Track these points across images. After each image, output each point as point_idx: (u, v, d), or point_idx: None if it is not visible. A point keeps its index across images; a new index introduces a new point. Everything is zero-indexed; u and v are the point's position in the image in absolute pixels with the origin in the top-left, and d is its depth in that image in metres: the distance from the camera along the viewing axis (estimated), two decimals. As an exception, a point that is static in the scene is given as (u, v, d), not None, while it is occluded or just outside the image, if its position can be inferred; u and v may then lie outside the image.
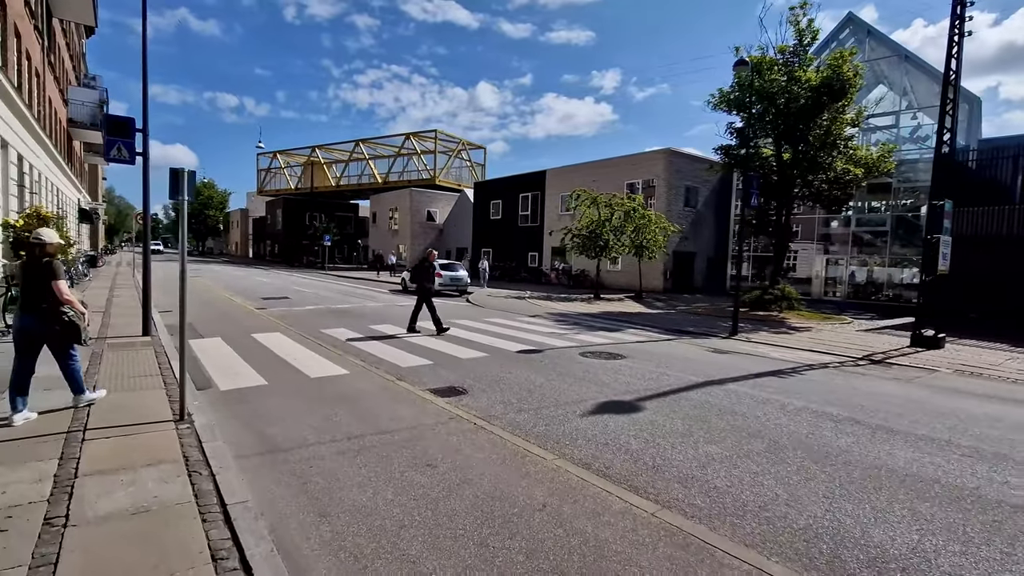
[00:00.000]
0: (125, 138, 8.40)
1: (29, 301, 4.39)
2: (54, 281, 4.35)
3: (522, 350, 8.59)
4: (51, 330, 4.47)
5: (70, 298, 4.51)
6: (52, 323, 4.43)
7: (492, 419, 5.00)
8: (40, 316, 4.40)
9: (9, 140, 10.22)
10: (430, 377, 6.64)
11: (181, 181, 4.56)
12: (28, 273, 4.37)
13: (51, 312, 4.39)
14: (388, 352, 8.14)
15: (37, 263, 4.37)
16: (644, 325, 12.95)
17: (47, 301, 4.36)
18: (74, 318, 4.55)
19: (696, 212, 27.13)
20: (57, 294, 4.37)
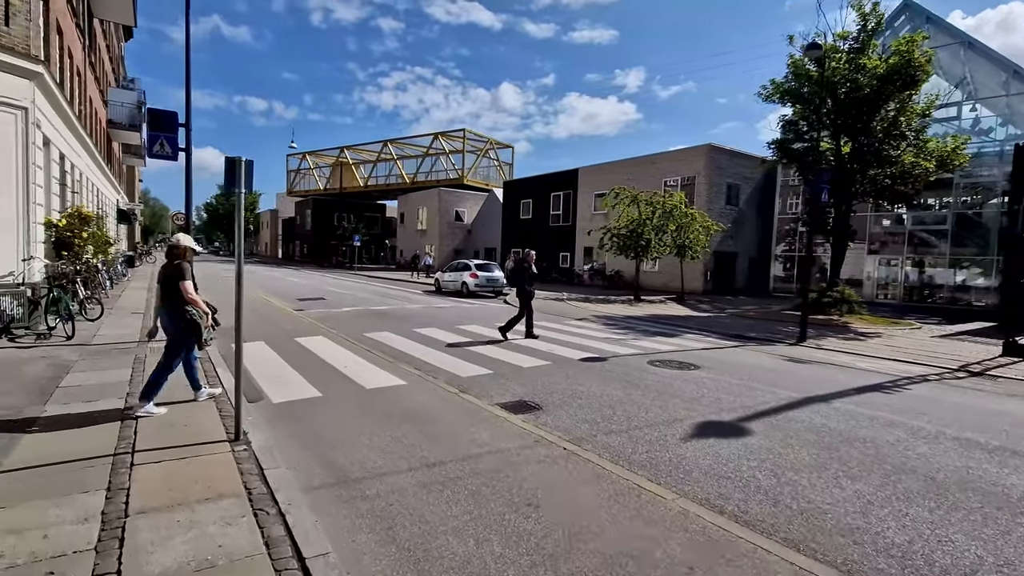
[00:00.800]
0: (168, 133, 8.06)
1: (162, 299, 4.84)
2: (181, 282, 4.66)
3: (585, 358, 7.93)
4: (177, 327, 4.74)
5: (194, 298, 4.74)
6: (178, 321, 4.72)
7: (582, 442, 4.36)
8: (169, 313, 4.76)
9: (51, 138, 10.03)
10: (495, 389, 6.04)
11: (238, 171, 4.04)
12: (163, 273, 4.78)
13: (177, 310, 4.70)
14: (442, 359, 7.57)
15: (170, 264, 4.77)
16: (699, 330, 12.14)
17: (175, 300, 4.70)
18: (196, 317, 4.74)
19: (738, 210, 26.01)
20: (183, 294, 4.66)
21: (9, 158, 7.94)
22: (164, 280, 4.78)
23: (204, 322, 4.80)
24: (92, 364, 6.48)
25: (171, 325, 4.78)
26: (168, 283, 4.74)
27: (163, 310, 4.82)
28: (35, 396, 5.07)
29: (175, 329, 4.77)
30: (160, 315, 4.90)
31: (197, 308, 4.74)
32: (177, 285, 4.66)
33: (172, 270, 4.73)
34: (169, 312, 4.76)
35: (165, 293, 4.79)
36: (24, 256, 8.20)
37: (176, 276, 4.69)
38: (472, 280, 19.33)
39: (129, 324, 9.60)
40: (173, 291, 4.70)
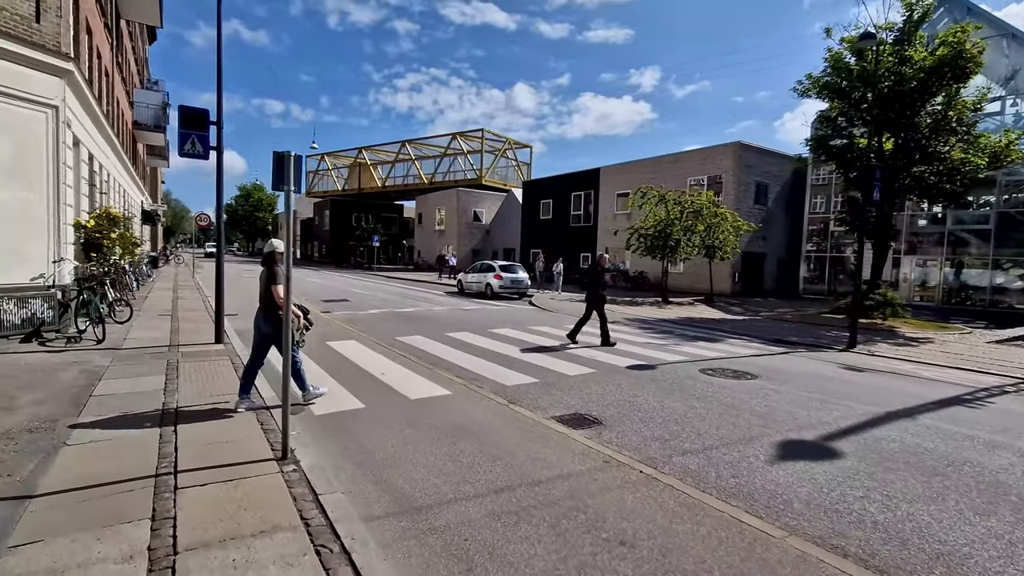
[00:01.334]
0: (199, 131, 7.81)
1: (260, 302, 5.02)
2: (273, 286, 4.84)
3: (632, 365, 7.50)
4: (273, 329, 4.93)
5: (281, 302, 4.78)
6: (273, 323, 4.90)
7: (657, 464, 3.95)
8: (265, 315, 4.96)
9: (81, 138, 9.90)
10: (546, 400, 5.66)
11: (286, 168, 3.72)
12: (262, 276, 4.96)
13: (272, 312, 4.89)
14: (482, 366, 7.21)
15: (266, 269, 4.92)
16: (739, 334, 11.62)
17: (270, 303, 4.89)
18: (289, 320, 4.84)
19: (766, 210, 25.29)
20: (275, 297, 4.83)
21: (40, 158, 7.78)
22: (261, 283, 5.00)
23: (296, 324, 5.01)
24: (124, 370, 6.24)
25: (267, 326, 5.00)
26: (264, 286, 4.96)
27: (260, 312, 5.05)
28: (68, 406, 4.82)
29: (271, 330, 4.98)
30: (257, 317, 5.10)
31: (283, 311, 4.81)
32: (270, 290, 4.87)
33: (267, 275, 4.93)
34: (265, 314, 4.99)
35: (262, 296, 5.01)
36: (55, 258, 8.04)
37: (269, 281, 4.90)
38: (496, 282, 18.98)
39: (158, 327, 9.42)
40: (268, 294, 4.92)
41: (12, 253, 7.54)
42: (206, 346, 7.90)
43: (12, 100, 7.36)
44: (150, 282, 18.98)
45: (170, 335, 8.72)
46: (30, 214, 7.72)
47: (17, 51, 7.29)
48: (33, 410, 4.63)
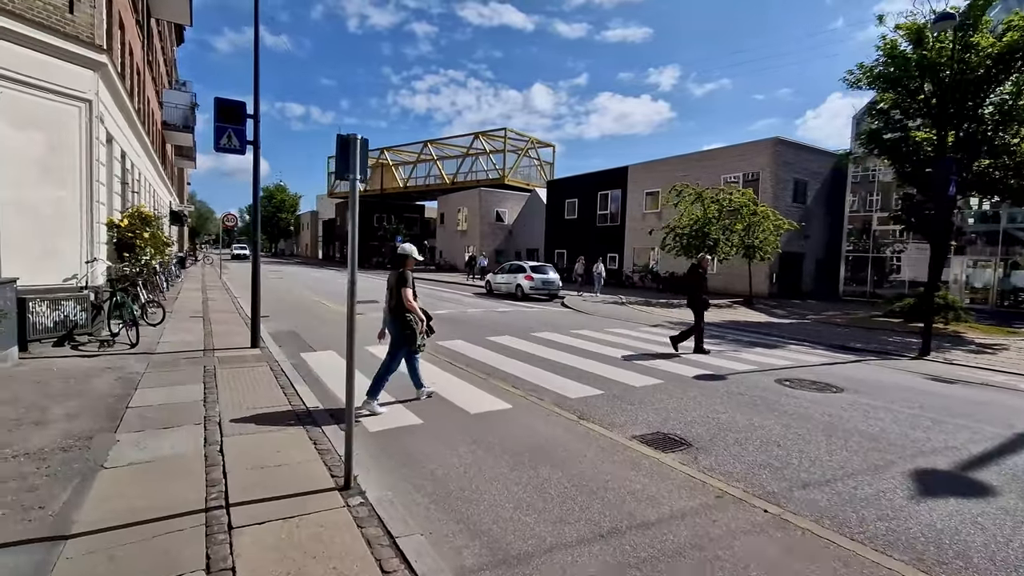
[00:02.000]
0: (236, 125, 7.42)
1: (388, 304, 5.15)
2: (402, 289, 4.94)
3: (699, 375, 6.88)
4: (399, 331, 5.02)
5: (413, 305, 4.99)
6: (400, 326, 5.00)
7: (781, 501, 3.36)
8: (393, 318, 5.06)
9: (114, 135, 9.63)
10: (618, 415, 5.08)
11: (352, 153, 3.22)
12: (392, 279, 5.08)
13: (398, 316, 5.00)
14: (536, 374, 6.67)
15: (395, 272, 5.05)
16: (794, 339, 10.88)
17: (399, 305, 4.97)
18: (413, 324, 4.99)
19: (804, 208, 24.28)
20: (404, 301, 4.92)
21: (73, 154, 7.47)
22: (391, 285, 5.09)
23: (419, 328, 5.06)
24: (160, 378, 5.84)
25: (394, 329, 5.08)
26: (394, 291, 5.03)
27: (391, 317, 5.10)
28: (104, 419, 4.40)
29: (397, 333, 5.04)
30: (386, 319, 5.20)
31: (415, 315, 5.02)
32: (400, 292, 4.93)
33: (396, 278, 5.01)
34: (393, 317, 5.06)
35: (391, 299, 5.09)
36: (88, 258, 7.73)
37: (400, 284, 4.95)
38: (527, 283, 18.43)
39: (191, 329, 9.09)
40: (399, 297, 4.99)
41: (45, 253, 7.23)
42: (242, 351, 7.51)
43: (44, 93, 7.06)
44: (178, 282, 18.89)
45: (204, 338, 8.36)
46: (63, 212, 7.42)
47: (50, 41, 6.98)
48: (66, 425, 4.22)
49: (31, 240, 7.05)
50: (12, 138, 6.74)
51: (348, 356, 3.40)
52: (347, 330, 3.37)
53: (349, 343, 3.40)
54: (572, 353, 8.22)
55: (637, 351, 8.60)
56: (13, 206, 6.80)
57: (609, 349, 8.67)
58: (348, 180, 3.24)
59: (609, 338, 9.89)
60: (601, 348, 8.71)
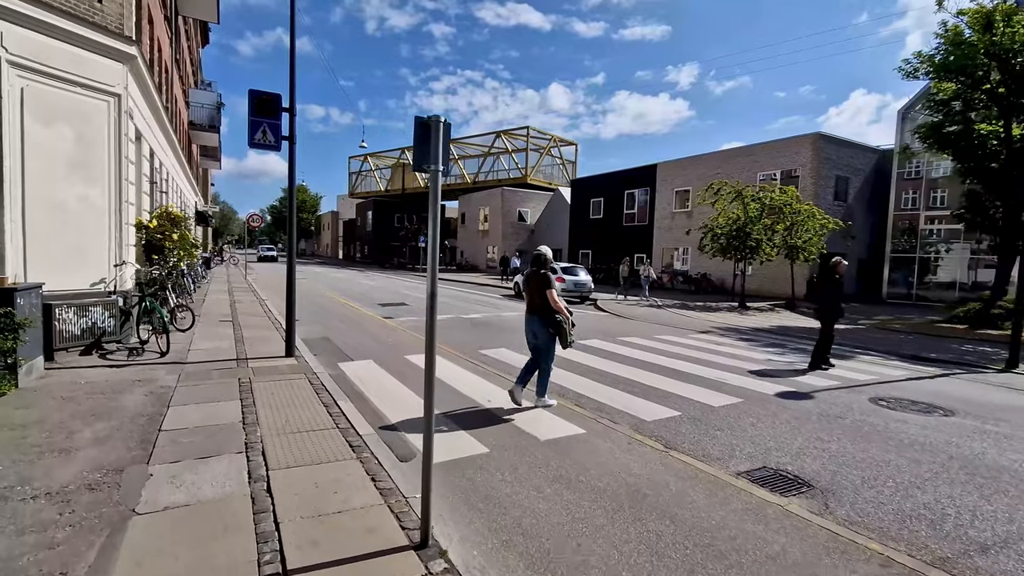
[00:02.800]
0: (271, 119, 6.94)
1: (532, 305, 5.19)
2: (548, 290, 5.00)
3: (780, 393, 6.17)
4: (546, 332, 5.07)
5: (560, 307, 5.06)
6: (546, 326, 5.06)
7: (967, 573, 2.67)
8: (539, 319, 5.08)
9: (143, 132, 9.26)
10: (707, 443, 4.43)
11: (433, 139, 2.63)
12: (531, 281, 5.14)
13: (546, 316, 5.05)
14: (599, 391, 6.04)
15: (537, 272, 5.11)
16: (864, 348, 10.05)
17: (545, 307, 5.03)
18: (563, 323, 5.05)
19: (846, 206, 23.17)
20: (552, 303, 5.00)
21: (101, 151, 7.07)
22: (533, 289, 5.12)
23: (568, 326, 5.11)
24: (193, 393, 5.36)
25: (541, 331, 5.10)
26: (537, 292, 5.08)
27: (533, 317, 5.16)
28: (135, 445, 3.90)
29: (543, 333, 5.09)
30: (530, 322, 5.20)
31: (562, 315, 5.07)
32: (545, 294, 5.00)
33: (540, 280, 5.07)
34: (539, 318, 5.10)
35: (534, 301, 5.14)
36: (116, 261, 7.32)
37: (544, 285, 5.03)
38: (559, 285, 17.72)
39: (221, 335, 8.66)
40: (542, 299, 5.05)
41: (72, 255, 6.83)
42: (277, 360, 7.02)
43: (71, 86, 6.65)
44: (204, 284, 18.68)
45: (235, 345, 7.91)
46: (90, 212, 7.02)
47: (77, 32, 6.57)
48: (94, 452, 3.72)
49: (57, 242, 6.65)
50: (37, 134, 6.34)
51: (427, 393, 2.82)
52: (426, 363, 2.79)
53: (428, 376, 2.81)
54: (629, 365, 7.57)
55: (697, 361, 7.91)
56: (39, 206, 6.41)
57: (667, 360, 7.99)
58: (427, 171, 2.65)
59: (662, 346, 9.20)
60: (658, 359, 8.04)
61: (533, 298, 5.12)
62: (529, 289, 5.16)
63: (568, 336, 5.08)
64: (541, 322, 5.07)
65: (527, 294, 5.22)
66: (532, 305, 5.16)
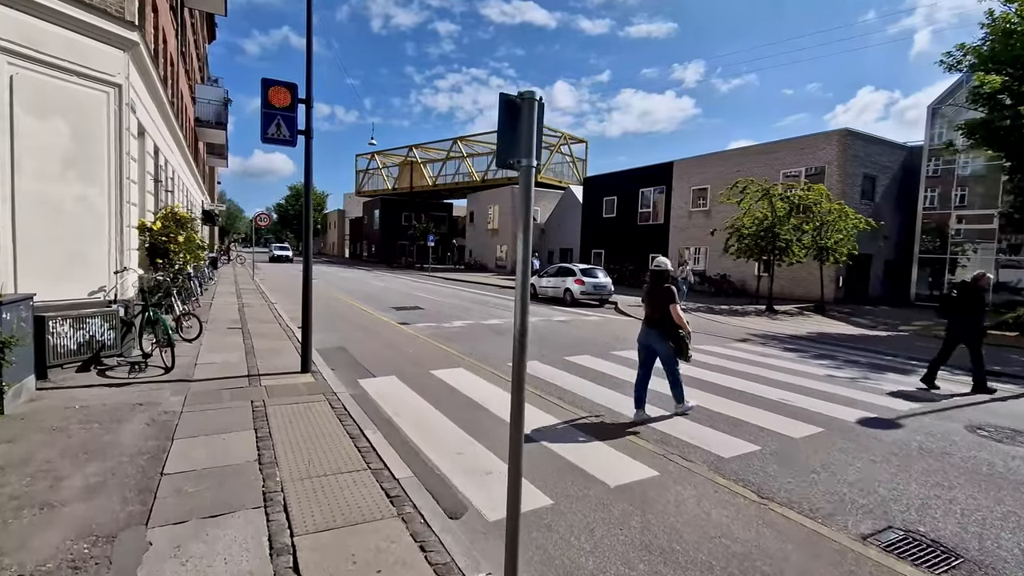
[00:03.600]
0: (286, 111, 6.28)
1: (651, 318, 5.11)
2: (672, 305, 4.93)
3: (863, 419, 5.46)
4: (665, 345, 5.01)
5: (683, 321, 4.99)
6: (667, 339, 4.99)
7: None
8: (659, 332, 5.03)
9: (147, 127, 8.63)
10: (810, 491, 3.73)
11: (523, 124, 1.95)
12: (652, 292, 5.09)
13: (667, 330, 4.98)
14: (660, 417, 5.35)
15: (659, 286, 5.04)
16: (916, 359, 9.30)
17: (666, 321, 4.97)
18: (684, 338, 5.00)
19: (873, 205, 22.32)
20: (675, 317, 4.92)
21: (100, 146, 6.44)
22: (655, 302, 5.07)
23: (689, 341, 5.06)
24: (202, 421, 4.71)
25: (661, 343, 5.06)
26: (659, 305, 5.02)
27: (652, 330, 5.11)
28: (133, 495, 3.26)
29: (662, 346, 5.04)
30: (648, 334, 5.15)
31: (684, 329, 5.00)
32: (668, 308, 4.94)
33: (664, 294, 5.01)
34: (659, 331, 5.05)
35: (655, 314, 5.08)
36: (117, 267, 6.69)
37: (668, 299, 4.96)
38: (578, 287, 17.09)
39: (230, 345, 8.03)
40: (664, 312, 4.98)
41: (68, 262, 6.21)
42: (292, 376, 6.38)
43: (67, 75, 6.02)
44: (212, 285, 18.11)
45: (246, 358, 7.28)
46: (89, 214, 6.39)
47: (73, 14, 5.93)
48: (83, 509, 3.07)
49: (52, 247, 6.03)
50: (29, 127, 5.71)
51: (513, 459, 2.14)
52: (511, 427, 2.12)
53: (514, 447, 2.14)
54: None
55: (750, 378, 7.20)
56: (31, 208, 5.78)
57: (718, 376, 7.29)
58: (516, 168, 1.96)
59: (705, 359, 8.50)
60: (707, 375, 7.34)
61: (654, 311, 5.08)
62: (650, 301, 5.13)
63: (687, 350, 5.03)
64: (661, 335, 5.03)
65: (647, 306, 5.18)
66: (652, 318, 5.11)
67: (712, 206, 25.58)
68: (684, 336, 5.02)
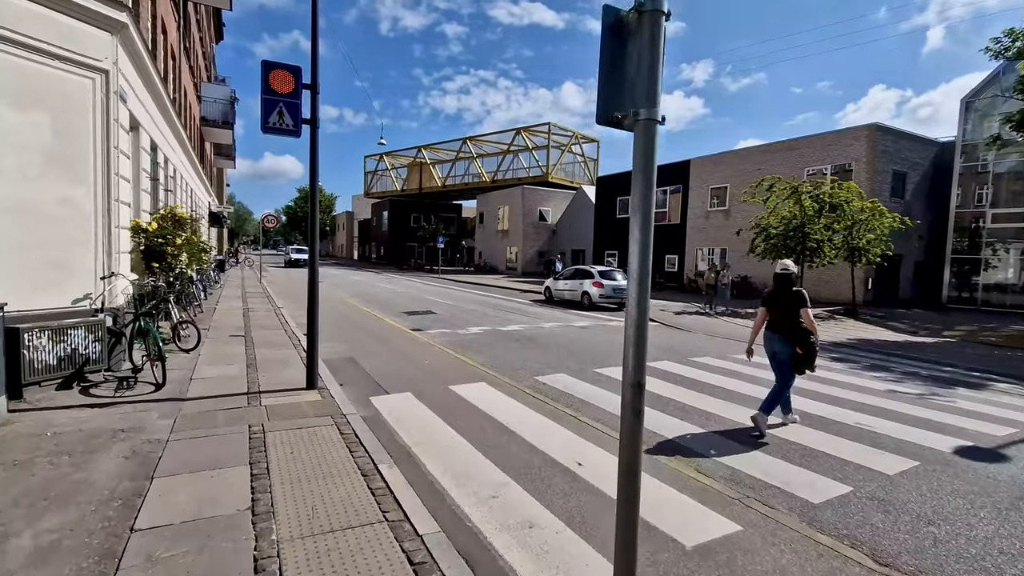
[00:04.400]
0: (289, 97, 5.61)
1: (776, 323, 4.98)
2: (804, 309, 4.78)
3: (959, 449, 4.67)
4: (790, 351, 4.81)
5: (815, 327, 4.80)
6: (793, 345, 4.79)
7: None
8: (785, 339, 4.86)
9: (141, 121, 8.02)
10: (933, 551, 2.98)
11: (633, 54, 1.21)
12: (780, 298, 4.94)
13: (794, 336, 4.79)
14: (726, 450, 4.60)
15: (788, 289, 4.92)
16: (978, 371, 8.47)
17: (795, 326, 4.80)
18: (815, 344, 4.80)
19: (903, 204, 21.32)
20: (808, 323, 4.75)
21: (85, 138, 5.80)
22: (784, 306, 4.88)
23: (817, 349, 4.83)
24: (189, 450, 4.04)
25: (784, 350, 4.85)
26: (788, 310, 4.83)
27: (777, 336, 4.92)
28: (90, 566, 2.57)
29: (791, 353, 4.80)
30: (772, 340, 4.97)
31: (816, 336, 4.78)
32: (800, 312, 4.75)
33: (795, 297, 4.83)
34: (782, 337, 4.86)
35: (784, 319, 4.87)
36: (104, 272, 6.05)
37: (800, 303, 4.78)
38: (596, 290, 16.32)
39: (231, 356, 7.37)
40: (793, 317, 4.79)
41: (49, 268, 5.58)
42: (296, 394, 5.70)
43: (46, 58, 5.39)
44: (217, 288, 17.56)
45: (246, 371, 6.61)
46: (73, 215, 5.75)
47: (52, -10, 5.29)
48: (23, 587, 2.39)
49: (30, 250, 5.39)
50: (3, 118, 5.08)
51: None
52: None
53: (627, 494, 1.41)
54: (726, 399, 6.12)
55: (807, 394, 6.41)
56: (6, 208, 5.15)
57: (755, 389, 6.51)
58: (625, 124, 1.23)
59: (748, 370, 7.73)
60: (756, 390, 6.56)
61: (782, 315, 4.89)
62: (778, 306, 4.93)
63: (815, 359, 4.80)
64: (785, 341, 4.83)
65: (772, 311, 4.99)
66: (777, 323, 4.93)
67: (731, 205, 24.73)
68: (815, 342, 4.77)
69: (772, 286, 5.10)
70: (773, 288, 5.06)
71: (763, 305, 5.09)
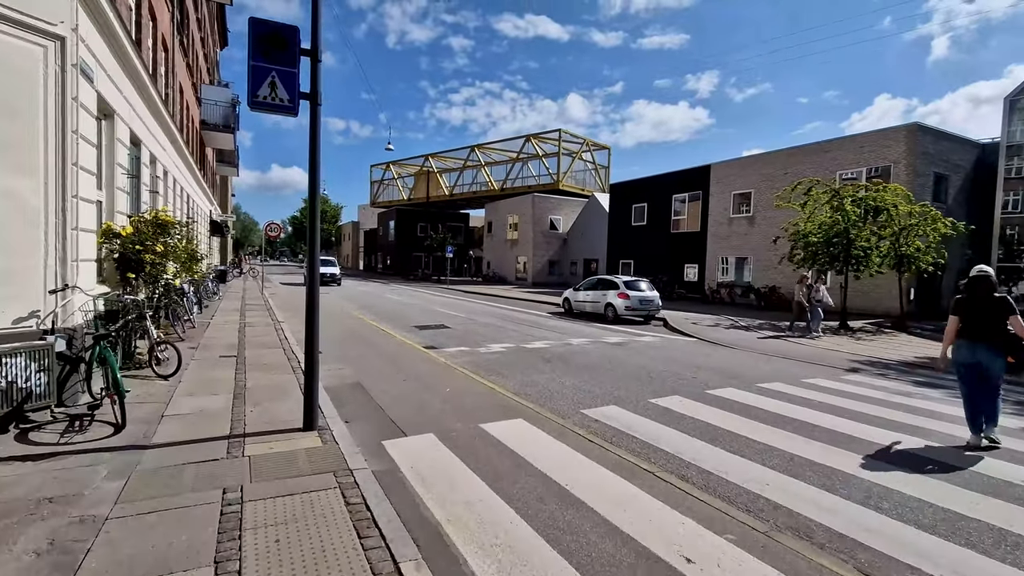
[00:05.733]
0: (283, 64, 4.48)
1: (978, 331, 4.65)
2: (1013, 316, 4.54)
3: None
4: (1001, 362, 4.60)
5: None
6: (1003, 355, 4.58)
7: None
8: (994, 347, 4.58)
9: (119, 109, 6.93)
10: None
11: None
12: (978, 304, 4.65)
13: (1004, 345, 4.57)
14: (819, 499, 3.34)
15: (991, 294, 4.63)
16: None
17: (1001, 334, 4.57)
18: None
19: (945, 208, 19.96)
20: (1016, 329, 4.52)
21: (33, 117, 4.69)
22: (988, 313, 4.63)
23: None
24: (135, 537, 2.84)
25: (997, 360, 4.60)
26: (994, 318, 4.61)
27: (981, 345, 4.63)
28: None
29: (999, 365, 4.59)
30: (975, 350, 4.66)
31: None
32: (1009, 319, 4.55)
33: (1000, 304, 4.61)
34: (988, 346, 4.60)
35: (987, 327, 4.63)
36: (55, 285, 4.90)
37: (1008, 310, 4.57)
38: (622, 302, 15.09)
39: (216, 383, 6.18)
40: (999, 324, 4.60)
41: (-20, 278, 4.42)
42: (290, 438, 4.50)
43: (-21, 15, 4.27)
44: (216, 300, 16.45)
45: (232, 404, 5.42)
46: (14, 211, 4.62)
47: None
48: None
49: (-46, 258, 4.25)
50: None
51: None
52: None
53: None
54: (813, 437, 4.86)
55: (918, 431, 5.14)
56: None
57: (857, 427, 5.27)
58: None
59: (824, 398, 6.48)
60: (846, 425, 5.31)
61: (983, 323, 4.60)
62: (976, 313, 4.64)
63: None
64: (994, 351, 4.55)
65: (970, 319, 4.67)
66: (979, 331, 4.63)
67: (756, 211, 23.52)
68: None
69: (964, 292, 4.78)
70: (967, 294, 4.75)
71: (955, 313, 4.78)
